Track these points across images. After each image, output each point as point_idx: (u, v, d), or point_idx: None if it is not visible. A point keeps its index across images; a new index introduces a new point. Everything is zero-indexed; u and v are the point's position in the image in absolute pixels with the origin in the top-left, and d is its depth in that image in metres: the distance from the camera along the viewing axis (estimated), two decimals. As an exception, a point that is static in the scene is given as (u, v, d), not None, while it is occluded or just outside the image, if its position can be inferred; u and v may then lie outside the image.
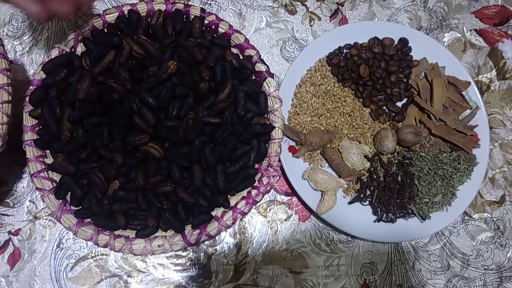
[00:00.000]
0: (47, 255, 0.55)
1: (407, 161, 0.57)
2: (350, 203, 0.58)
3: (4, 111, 0.47)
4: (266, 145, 0.52)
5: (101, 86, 0.47)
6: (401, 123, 0.60)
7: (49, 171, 0.49)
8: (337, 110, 0.60)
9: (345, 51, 0.62)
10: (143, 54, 0.49)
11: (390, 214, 0.57)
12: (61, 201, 0.48)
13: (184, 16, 0.53)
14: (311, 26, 0.65)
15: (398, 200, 0.57)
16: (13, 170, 0.56)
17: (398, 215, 0.57)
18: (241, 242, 0.58)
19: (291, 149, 0.58)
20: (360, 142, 0.59)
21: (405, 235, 0.57)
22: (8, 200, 0.56)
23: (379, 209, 0.57)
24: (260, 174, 0.51)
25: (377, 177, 0.58)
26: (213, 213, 0.50)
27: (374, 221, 0.57)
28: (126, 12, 0.52)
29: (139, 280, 0.55)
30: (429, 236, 0.60)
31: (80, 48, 0.52)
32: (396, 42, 0.61)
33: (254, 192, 0.50)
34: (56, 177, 0.49)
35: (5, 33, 0.60)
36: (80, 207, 0.48)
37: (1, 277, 0.54)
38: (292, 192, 0.59)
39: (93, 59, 0.50)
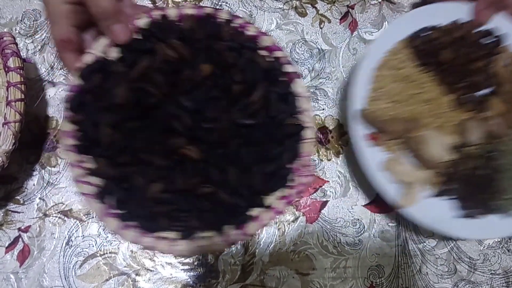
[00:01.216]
0: (56, 252, 0.55)
1: (493, 154, 0.54)
2: (434, 196, 0.55)
3: (17, 109, 0.47)
4: (299, 145, 0.52)
5: (137, 91, 0.47)
6: (485, 113, 0.56)
7: (91, 176, 0.48)
8: (417, 97, 0.56)
9: (426, 33, 0.58)
10: (177, 58, 0.49)
11: (473, 210, 0.54)
12: (104, 205, 0.47)
13: (214, 20, 0.53)
14: (321, 28, 0.65)
15: (483, 195, 0.54)
16: (24, 168, 0.57)
17: (482, 211, 0.54)
18: (249, 243, 0.58)
19: (369, 137, 0.56)
20: (441, 132, 0.56)
21: (486, 231, 0.55)
22: (18, 197, 0.56)
23: (462, 204, 0.55)
24: (294, 174, 0.52)
25: (462, 169, 0.55)
26: (251, 213, 0.50)
27: (456, 217, 0.55)
28: (157, 17, 0.52)
29: (147, 279, 0.55)
30: (436, 239, 0.60)
31: (113, 53, 0.52)
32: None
33: (289, 191, 0.50)
34: (97, 181, 0.48)
35: (17, 31, 0.60)
36: (124, 211, 0.48)
37: (11, 273, 0.54)
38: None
39: (127, 64, 0.49)
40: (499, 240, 0.61)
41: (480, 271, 0.60)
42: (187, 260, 0.56)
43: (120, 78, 0.48)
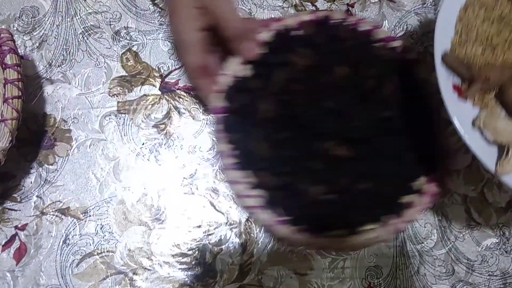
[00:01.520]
0: (53, 250, 0.55)
1: None
2: None
3: (14, 107, 0.47)
4: (434, 127, 0.54)
5: (281, 102, 0.51)
6: None
7: (253, 189, 0.51)
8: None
9: None
10: (309, 65, 0.52)
11: None
12: (272, 214, 0.50)
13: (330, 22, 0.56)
14: (321, 27, 0.65)
15: None
16: (21, 166, 0.56)
17: None
18: (247, 242, 0.58)
19: (456, 88, 0.48)
20: None
21: None
22: (15, 195, 0.56)
23: None
24: (438, 156, 0.53)
25: None
26: (406, 201, 0.52)
27: None
28: (279, 29, 0.54)
29: (145, 278, 0.55)
30: (435, 240, 0.60)
31: (246, 71, 0.53)
32: None
33: (436, 174, 0.52)
34: (259, 193, 0.51)
35: (15, 28, 0.60)
36: (292, 217, 0.50)
37: (7, 271, 0.54)
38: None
39: (263, 79, 0.52)
40: (497, 241, 0.61)
41: (477, 272, 0.60)
42: (185, 259, 0.56)
43: (262, 94, 0.52)
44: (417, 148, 0.52)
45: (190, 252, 0.57)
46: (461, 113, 0.46)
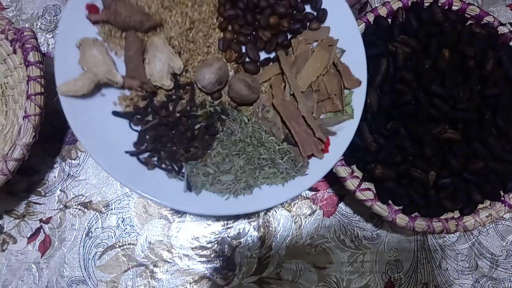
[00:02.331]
0: (76, 243, 0.56)
1: (222, 116, 0.47)
2: (114, 113, 0.46)
3: (37, 103, 0.48)
4: None
5: (388, 93, 0.50)
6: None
7: (364, 182, 0.52)
8: (182, 7, 0.46)
9: None
10: (410, 52, 0.51)
11: (154, 156, 0.46)
12: (389, 205, 0.51)
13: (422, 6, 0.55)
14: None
15: (174, 148, 0.45)
16: (45, 160, 0.58)
17: (162, 164, 0.46)
18: (265, 236, 0.58)
19: (91, 8, 0.45)
20: (179, 56, 0.46)
21: (150, 188, 0.44)
22: (39, 189, 0.57)
23: (147, 143, 0.46)
24: None
25: (172, 109, 0.46)
26: None
27: (127, 152, 0.45)
28: (371, 20, 0.54)
29: (165, 270, 0.56)
30: (457, 235, 0.59)
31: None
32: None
33: None
34: (370, 186, 0.52)
35: (38, 26, 0.61)
36: (406, 205, 0.51)
37: (33, 263, 0.56)
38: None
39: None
40: (523, 236, 0.60)
41: (502, 268, 0.59)
42: (204, 252, 0.57)
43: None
44: None
45: (209, 245, 0.57)
46: (73, 27, 0.45)
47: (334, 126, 0.48)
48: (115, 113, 0.45)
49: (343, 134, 0.47)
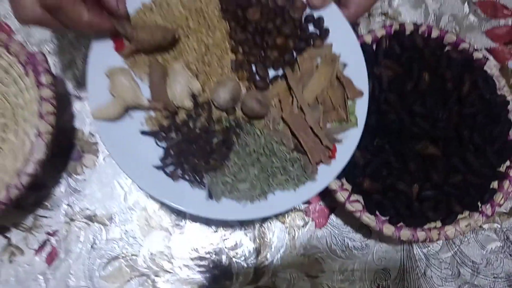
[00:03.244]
0: (82, 254, 0.59)
1: (237, 129, 0.51)
2: (143, 133, 0.50)
3: (49, 122, 0.52)
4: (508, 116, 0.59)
5: (374, 113, 0.54)
6: (258, 90, 0.52)
7: (353, 194, 0.56)
8: (198, 34, 0.51)
9: None
10: (394, 75, 0.56)
11: (179, 169, 0.50)
12: (376, 216, 0.55)
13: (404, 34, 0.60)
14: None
15: (196, 161, 0.49)
16: (53, 176, 0.61)
17: (185, 175, 0.49)
18: (261, 247, 0.61)
19: (118, 44, 0.49)
20: (192, 75, 0.50)
21: (176, 197, 0.48)
22: (46, 203, 0.60)
23: (172, 158, 0.49)
24: None
25: (193, 126, 0.50)
26: (494, 186, 0.57)
27: (155, 166, 0.49)
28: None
29: (166, 280, 0.59)
30: (440, 244, 0.63)
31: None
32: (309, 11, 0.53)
33: None
34: (359, 198, 0.56)
35: (46, 50, 0.65)
36: (393, 215, 0.55)
37: (40, 274, 0.58)
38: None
39: None
40: (501, 245, 0.64)
41: (483, 275, 0.63)
42: (203, 263, 0.60)
43: None
44: (499, 137, 0.56)
45: (207, 256, 0.60)
46: (101, 60, 0.48)
47: (340, 134, 0.52)
48: (143, 132, 0.49)
49: (349, 141, 0.51)
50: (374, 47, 0.59)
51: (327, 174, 0.51)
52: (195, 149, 0.50)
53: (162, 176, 0.49)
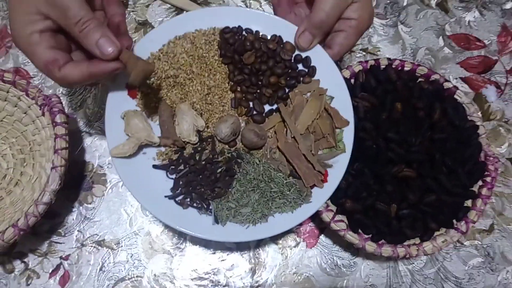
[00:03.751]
0: (92, 277, 0.65)
1: (238, 160, 0.57)
2: (154, 166, 0.56)
3: (62, 156, 0.58)
4: (478, 141, 0.63)
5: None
6: (255, 124, 0.58)
7: (338, 215, 0.61)
8: (201, 77, 0.58)
9: (243, 33, 0.60)
10: (369, 106, 0.62)
11: (187, 198, 0.56)
12: (359, 233, 0.60)
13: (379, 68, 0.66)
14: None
15: (202, 190, 0.56)
16: (65, 205, 0.67)
17: (193, 203, 0.56)
18: (256, 267, 0.66)
19: (131, 93, 0.57)
20: (197, 113, 0.57)
21: (186, 224, 0.54)
22: (60, 230, 0.66)
23: (181, 188, 0.56)
24: (485, 163, 0.63)
25: (199, 158, 0.57)
26: (467, 205, 0.62)
27: (166, 197, 0.55)
28: None
29: (168, 299, 0.64)
30: (424, 260, 0.67)
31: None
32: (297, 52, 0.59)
33: (488, 179, 0.62)
34: (343, 218, 0.61)
35: (60, 91, 0.73)
36: (373, 234, 0.61)
37: (53, 296, 0.64)
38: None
39: None
40: (482, 260, 0.68)
41: (465, 289, 0.67)
42: (202, 282, 0.65)
43: None
44: (470, 159, 0.61)
45: (206, 276, 0.65)
46: (117, 105, 0.55)
47: (330, 160, 0.57)
48: (155, 166, 0.56)
49: (338, 166, 0.57)
50: (353, 81, 0.65)
51: (320, 196, 0.56)
52: (202, 179, 0.57)
53: (173, 205, 0.56)
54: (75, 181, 0.68)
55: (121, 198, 0.68)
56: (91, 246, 0.66)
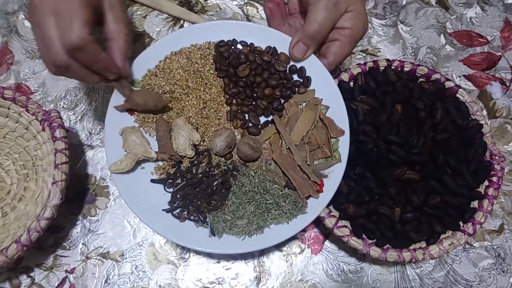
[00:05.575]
0: (97, 289, 0.65)
1: (234, 172, 0.57)
2: (152, 181, 0.57)
3: (63, 171, 0.58)
4: (483, 139, 0.62)
5: (353, 144, 0.59)
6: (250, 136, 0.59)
7: (341, 220, 0.60)
8: (196, 91, 0.59)
9: (238, 46, 0.60)
10: (369, 109, 0.62)
11: (184, 211, 0.56)
12: (363, 240, 0.59)
13: (378, 69, 0.65)
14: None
15: (199, 203, 0.56)
16: (69, 219, 0.67)
17: (191, 216, 0.56)
18: (261, 275, 0.66)
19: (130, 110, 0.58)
20: (197, 130, 0.58)
21: (183, 237, 0.55)
22: (65, 244, 0.67)
23: (178, 201, 0.56)
24: (490, 163, 0.61)
25: (195, 171, 0.57)
26: (473, 206, 0.61)
27: (164, 210, 0.56)
28: (336, 84, 0.61)
29: (174, 310, 0.64)
30: (433, 264, 0.66)
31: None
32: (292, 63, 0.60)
33: (494, 178, 0.61)
34: (347, 224, 0.60)
35: (61, 105, 0.73)
36: (377, 239, 0.59)
37: (60, 309, 0.64)
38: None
39: None
40: (493, 262, 0.66)
41: (476, 292, 0.65)
42: (208, 292, 0.65)
43: None
44: (474, 159, 0.59)
45: (211, 286, 0.65)
46: (117, 120, 0.57)
47: (326, 170, 0.57)
48: (153, 180, 0.57)
49: (334, 176, 0.56)
50: (352, 84, 0.65)
51: (316, 207, 0.56)
52: (198, 191, 0.57)
53: (170, 218, 0.56)
54: (78, 194, 0.69)
55: (124, 210, 0.68)
56: (96, 259, 0.66)
